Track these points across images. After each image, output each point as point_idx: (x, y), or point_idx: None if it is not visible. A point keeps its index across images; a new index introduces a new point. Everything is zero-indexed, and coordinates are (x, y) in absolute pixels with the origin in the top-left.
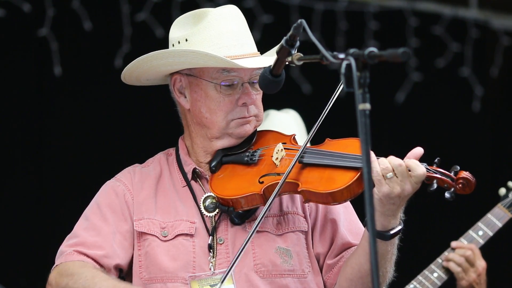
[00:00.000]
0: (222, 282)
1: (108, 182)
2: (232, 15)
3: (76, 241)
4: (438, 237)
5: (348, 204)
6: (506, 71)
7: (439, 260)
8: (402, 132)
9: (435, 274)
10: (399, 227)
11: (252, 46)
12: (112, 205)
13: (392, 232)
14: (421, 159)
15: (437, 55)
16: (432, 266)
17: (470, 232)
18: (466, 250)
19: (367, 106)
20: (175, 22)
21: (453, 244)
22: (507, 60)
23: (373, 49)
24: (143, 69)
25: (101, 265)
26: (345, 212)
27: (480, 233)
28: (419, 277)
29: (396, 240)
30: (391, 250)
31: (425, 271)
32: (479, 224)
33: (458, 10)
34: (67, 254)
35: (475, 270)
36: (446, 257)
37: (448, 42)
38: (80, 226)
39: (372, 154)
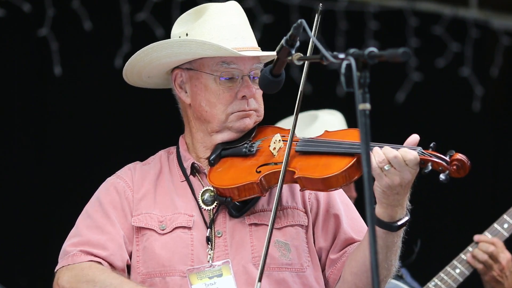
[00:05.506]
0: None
1: (108, 179)
2: (233, 10)
3: (80, 240)
4: (438, 237)
5: (349, 202)
6: (506, 71)
7: (462, 256)
8: (402, 132)
9: (457, 270)
10: (406, 218)
11: (252, 41)
12: (114, 202)
13: (399, 223)
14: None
15: (437, 55)
16: (454, 262)
17: (495, 225)
18: (489, 245)
19: (367, 106)
20: (177, 20)
21: (476, 237)
22: (507, 60)
23: (373, 49)
24: (144, 63)
25: (110, 264)
26: (346, 210)
27: (505, 226)
28: (441, 273)
29: (401, 233)
30: (397, 242)
31: (447, 267)
32: (504, 216)
33: (458, 10)
34: (74, 255)
35: (499, 266)
36: (471, 253)
37: (448, 42)
38: (82, 224)
39: None
